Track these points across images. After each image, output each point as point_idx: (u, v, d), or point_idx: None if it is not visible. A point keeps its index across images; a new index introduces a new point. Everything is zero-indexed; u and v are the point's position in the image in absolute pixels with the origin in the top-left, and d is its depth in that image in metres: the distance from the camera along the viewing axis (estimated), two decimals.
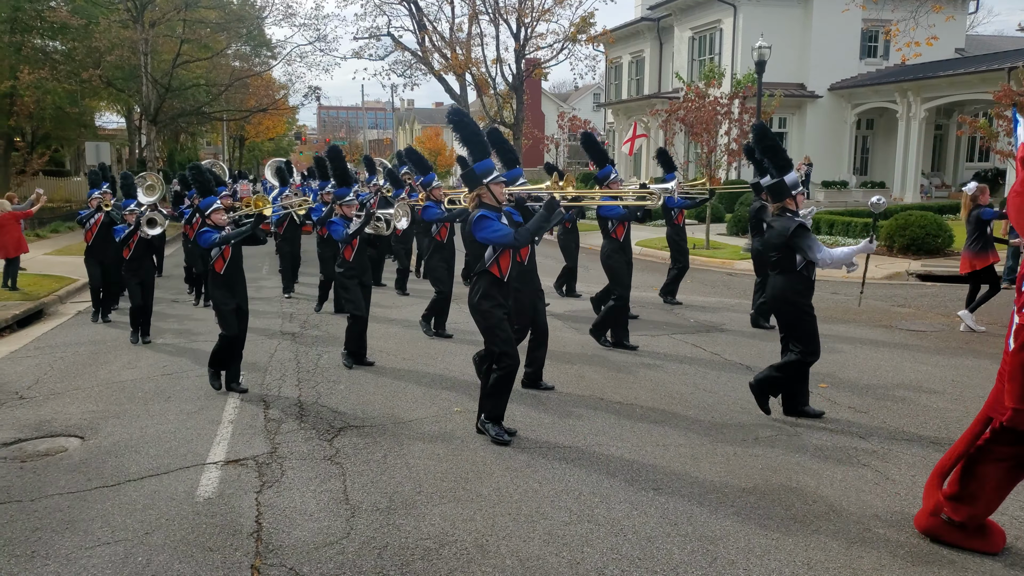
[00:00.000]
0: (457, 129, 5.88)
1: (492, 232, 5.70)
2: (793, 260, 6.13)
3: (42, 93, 25.89)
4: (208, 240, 7.19)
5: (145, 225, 9.11)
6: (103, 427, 6.30)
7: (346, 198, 8.32)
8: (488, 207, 5.81)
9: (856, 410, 6.67)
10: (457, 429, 6.23)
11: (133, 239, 9.49)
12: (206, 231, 7.29)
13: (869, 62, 29.25)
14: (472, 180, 5.88)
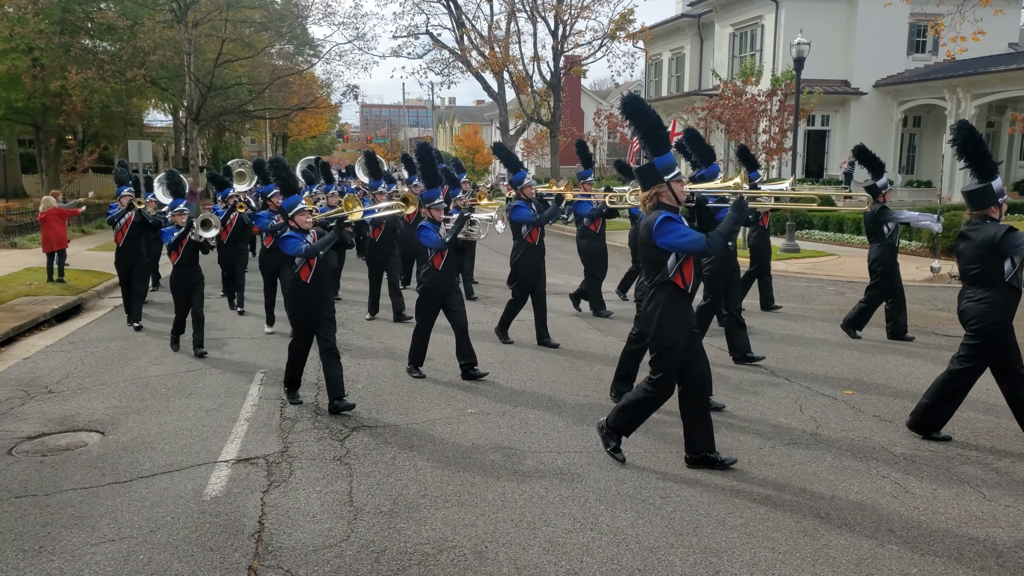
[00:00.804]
0: (635, 120, 5.20)
1: (680, 237, 5.00)
2: (1001, 270, 5.54)
3: (89, 92, 26.62)
4: (294, 248, 6.47)
5: (199, 227, 8.53)
6: (123, 423, 6.43)
7: (436, 200, 7.55)
8: (668, 208, 5.12)
9: (881, 419, 6.48)
10: (470, 431, 6.20)
11: (182, 243, 8.65)
12: (291, 236, 6.53)
13: (917, 58, 28.44)
14: (651, 177, 5.14)
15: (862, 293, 10.34)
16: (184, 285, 8.80)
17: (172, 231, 8.76)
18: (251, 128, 50.49)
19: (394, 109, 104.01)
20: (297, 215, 6.63)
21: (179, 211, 8.89)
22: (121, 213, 10.40)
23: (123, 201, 10.54)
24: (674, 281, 5.14)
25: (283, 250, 6.63)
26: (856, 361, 8.36)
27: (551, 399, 7.06)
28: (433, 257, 7.51)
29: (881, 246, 9.23)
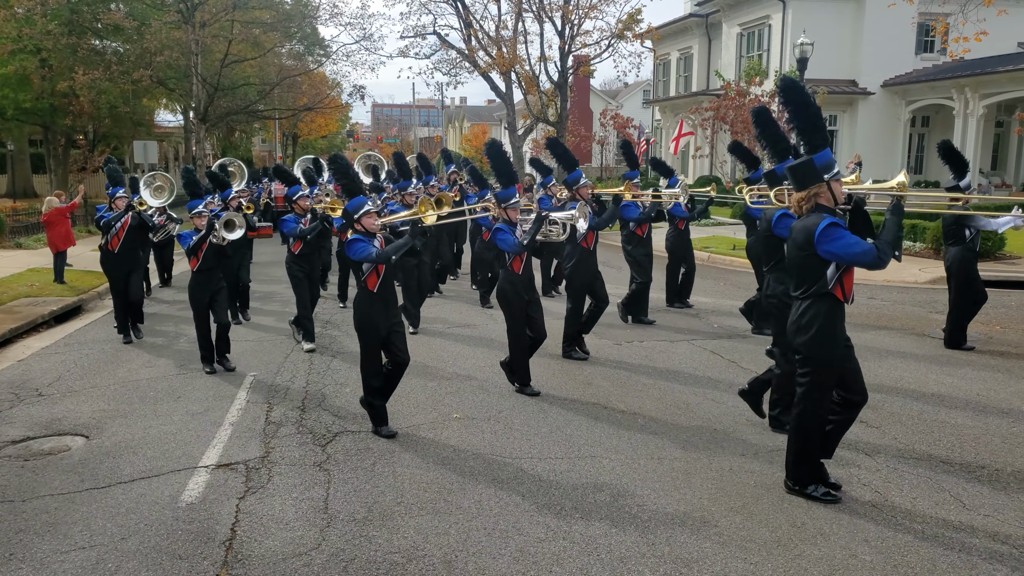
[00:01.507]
0: (796, 108, 4.70)
1: (848, 247, 4.53)
2: None
3: (96, 93, 26.78)
4: (363, 252, 5.91)
5: (222, 228, 8.02)
6: (109, 426, 6.46)
7: (512, 200, 7.09)
8: (826, 210, 4.69)
9: (868, 424, 6.42)
10: (453, 436, 6.20)
11: (202, 247, 8.11)
12: (359, 240, 5.96)
13: (925, 57, 28.21)
14: (810, 175, 4.64)
15: (863, 295, 10.26)
16: (205, 293, 8.13)
17: (190, 234, 8.23)
18: (260, 128, 50.76)
19: (405, 109, 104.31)
20: (364, 217, 6.07)
21: (198, 213, 8.36)
22: (118, 216, 9.69)
23: (118, 203, 9.83)
24: (834, 293, 4.71)
25: (350, 256, 6.04)
26: None
27: (538, 403, 7.04)
28: (512, 261, 7.10)
29: (962, 249, 8.75)
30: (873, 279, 14.29)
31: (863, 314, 11.08)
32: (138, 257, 10.07)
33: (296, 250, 9.20)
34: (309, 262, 9.30)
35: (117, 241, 9.69)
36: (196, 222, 8.34)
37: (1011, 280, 13.30)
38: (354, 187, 6.34)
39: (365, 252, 6.00)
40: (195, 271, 8.22)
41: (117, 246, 9.70)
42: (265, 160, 52.87)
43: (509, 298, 7.24)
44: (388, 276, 6.16)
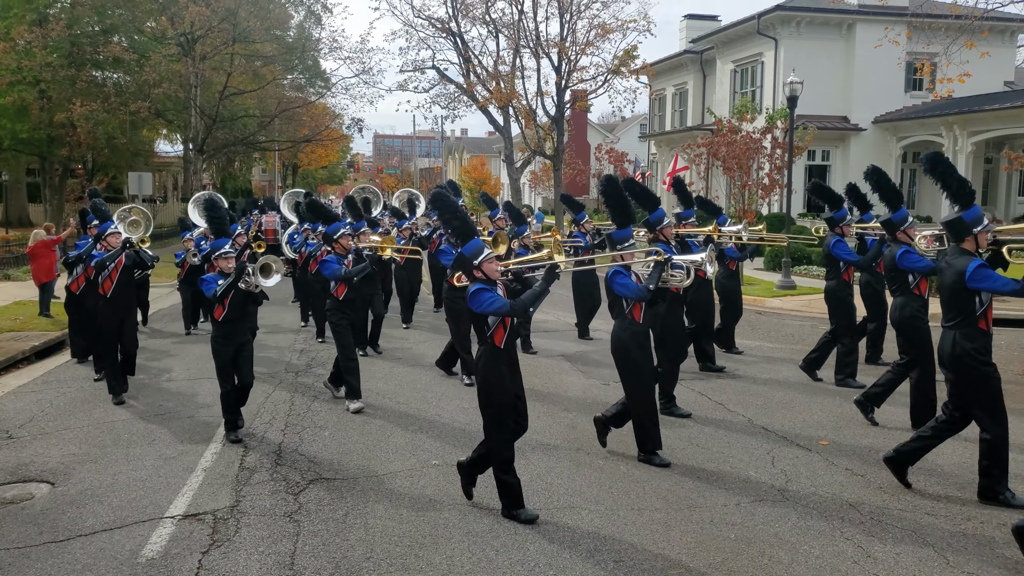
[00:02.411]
0: (943, 179, 5.88)
1: (998, 282, 5.52)
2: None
3: (94, 124, 26.90)
4: (494, 304, 5.27)
5: (258, 274, 7.05)
6: (77, 472, 6.31)
7: (628, 242, 6.48)
8: (969, 253, 5.65)
9: (853, 472, 6.31)
10: (429, 485, 6.06)
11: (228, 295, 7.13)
12: (484, 289, 5.32)
13: (914, 95, 28.46)
14: (962, 230, 5.67)
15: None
16: (229, 346, 7.12)
17: (215, 279, 7.16)
18: (260, 158, 51.01)
19: (406, 140, 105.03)
20: (485, 263, 5.40)
21: (224, 254, 7.30)
22: (113, 254, 8.53)
23: (111, 240, 8.69)
24: (979, 325, 5.62)
25: (474, 308, 5.34)
26: (836, 408, 8.18)
27: (520, 449, 6.79)
28: (632, 308, 6.43)
29: None
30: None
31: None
32: (133, 301, 9.17)
33: (340, 295, 8.28)
34: (353, 308, 8.44)
35: (110, 284, 8.54)
36: (221, 264, 7.28)
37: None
38: (467, 229, 5.58)
39: (497, 304, 5.25)
40: (219, 321, 7.14)
41: (110, 289, 8.54)
42: (265, 190, 53.03)
43: (631, 352, 6.41)
44: (513, 331, 5.51)
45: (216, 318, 7.17)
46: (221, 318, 7.14)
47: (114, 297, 8.61)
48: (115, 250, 8.65)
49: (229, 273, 7.14)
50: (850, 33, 27.89)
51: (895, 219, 7.52)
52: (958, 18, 15.13)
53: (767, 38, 28.13)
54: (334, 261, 8.29)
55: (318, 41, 35.78)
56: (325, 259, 8.46)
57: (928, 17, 15.38)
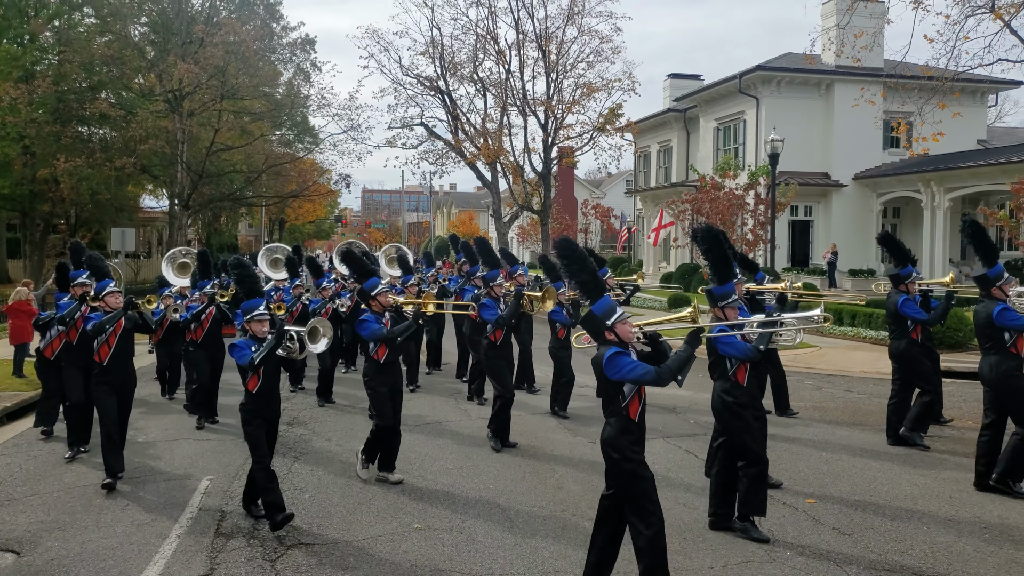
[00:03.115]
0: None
1: None
2: None
3: (77, 180, 26.88)
4: (635, 371, 4.81)
5: (306, 340, 6.45)
6: (44, 541, 6.11)
7: (731, 299, 6.13)
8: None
9: (840, 532, 6.22)
10: (411, 550, 5.92)
11: None
12: (620, 354, 4.87)
13: (892, 152, 29.13)
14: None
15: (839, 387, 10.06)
16: (264, 422, 6.39)
17: (247, 344, 6.35)
18: (246, 213, 51.15)
19: (394, 194, 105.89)
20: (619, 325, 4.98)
21: (259, 316, 6.46)
22: (113, 317, 7.59)
23: (109, 300, 7.72)
24: None
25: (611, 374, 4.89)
26: (823, 465, 8.12)
27: (504, 511, 6.78)
28: (736, 370, 6.05)
29: None
30: (850, 371, 14.25)
31: (839, 408, 10.98)
32: (132, 367, 8.02)
33: (381, 357, 7.48)
34: (394, 371, 7.73)
35: (108, 350, 7.55)
36: (254, 328, 6.48)
37: None
38: (597, 284, 5.13)
39: (639, 370, 4.81)
40: (254, 393, 6.33)
41: (107, 356, 7.55)
42: (251, 245, 53.04)
43: (740, 415, 6.11)
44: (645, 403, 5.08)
45: (250, 389, 6.29)
46: (256, 389, 6.30)
47: (113, 362, 7.61)
48: (115, 312, 7.64)
49: (263, 338, 6.34)
50: (828, 92, 28.65)
51: (991, 275, 7.40)
52: (931, 79, 15.60)
53: (749, 97, 28.82)
54: (373, 320, 7.43)
55: (307, 98, 36.27)
56: (363, 318, 7.54)
57: (902, 78, 15.85)
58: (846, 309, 19.04)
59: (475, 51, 33.17)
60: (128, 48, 30.18)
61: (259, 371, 6.36)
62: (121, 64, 29.29)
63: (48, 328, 9.17)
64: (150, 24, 33.04)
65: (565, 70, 32.43)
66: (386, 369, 7.58)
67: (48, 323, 9.18)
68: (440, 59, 33.30)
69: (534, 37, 32.23)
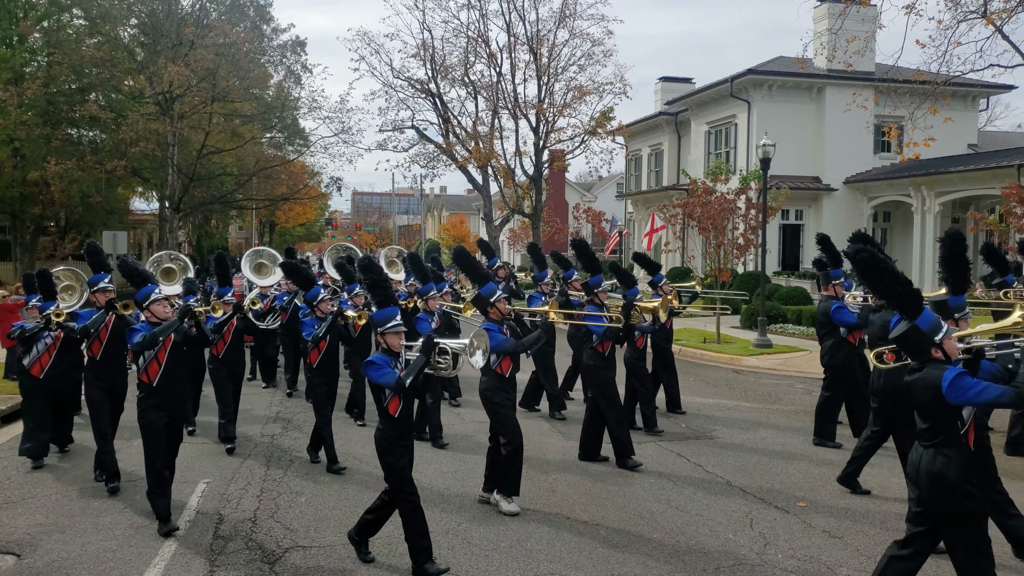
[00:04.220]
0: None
1: None
2: None
3: (68, 183, 26.78)
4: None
5: (464, 353, 5.88)
6: (44, 543, 6.15)
7: (965, 310, 5.92)
8: None
9: (831, 535, 6.32)
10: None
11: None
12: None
13: (883, 156, 29.34)
14: None
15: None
16: (408, 444, 5.80)
17: (385, 361, 5.69)
18: (237, 216, 51.04)
19: (385, 197, 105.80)
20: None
21: (394, 328, 5.78)
22: (167, 328, 6.59)
23: (157, 309, 6.75)
24: None
25: None
26: (813, 469, 8.22)
27: (499, 514, 6.84)
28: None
29: None
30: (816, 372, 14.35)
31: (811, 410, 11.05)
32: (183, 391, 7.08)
33: (506, 371, 7.03)
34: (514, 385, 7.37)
35: (157, 368, 6.50)
36: (389, 342, 5.82)
37: None
38: (914, 297, 4.74)
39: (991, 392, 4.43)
40: (395, 418, 5.74)
41: (156, 375, 6.51)
42: (241, 248, 52.90)
43: None
44: None
45: (391, 413, 5.75)
46: (397, 413, 5.75)
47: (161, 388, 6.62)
48: (170, 321, 6.74)
49: (398, 352, 5.76)
50: (820, 97, 28.86)
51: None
52: (922, 84, 15.74)
53: (740, 101, 29.00)
54: (496, 330, 6.91)
55: (297, 100, 36.26)
56: (486, 327, 6.75)
57: (893, 83, 16.00)
58: None
59: (466, 54, 33.33)
60: (118, 50, 30.07)
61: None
62: (111, 66, 29.18)
63: (34, 341, 8.19)
64: (140, 26, 32.92)
65: (556, 73, 32.62)
66: (509, 383, 6.98)
67: (34, 335, 8.16)
68: (431, 62, 33.42)
69: (525, 40, 32.42)
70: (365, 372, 5.63)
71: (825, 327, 8.92)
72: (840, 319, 8.68)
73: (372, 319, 5.99)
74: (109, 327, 7.52)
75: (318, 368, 8.38)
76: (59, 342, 8.26)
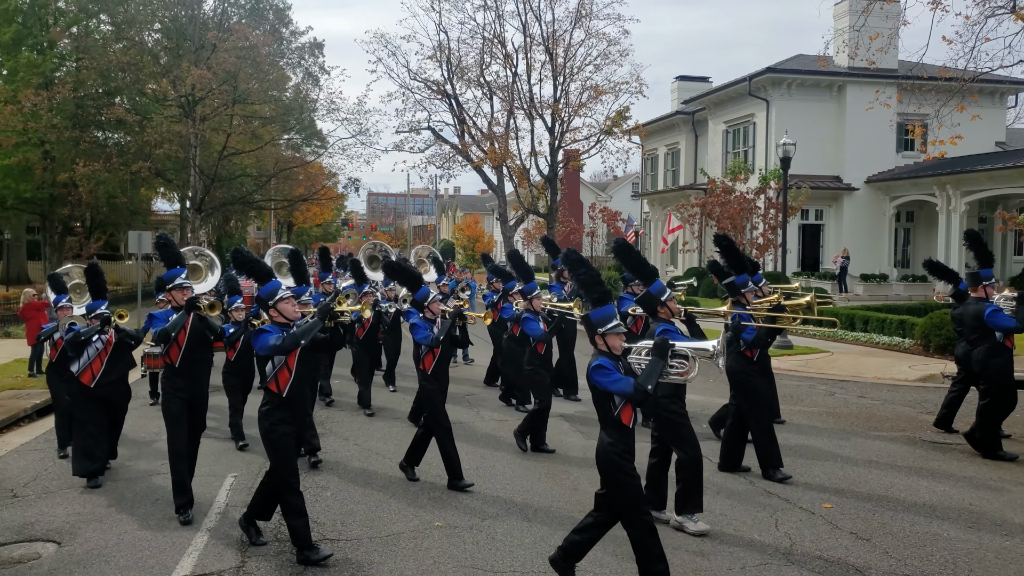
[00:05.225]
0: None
1: None
2: None
3: (95, 184, 27.32)
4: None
5: None
6: (83, 531, 6.30)
7: None
8: None
9: (858, 536, 6.30)
10: (433, 547, 6.04)
11: None
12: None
13: (906, 155, 29.08)
14: None
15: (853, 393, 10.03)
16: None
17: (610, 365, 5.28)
18: (256, 216, 51.49)
19: (400, 198, 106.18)
20: None
21: (614, 329, 5.27)
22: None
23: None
24: None
25: None
26: (838, 471, 8.19)
27: (523, 511, 6.90)
28: None
29: None
30: (863, 376, 14.27)
31: (852, 415, 11.02)
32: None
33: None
34: None
35: (288, 375, 5.82)
36: (612, 343, 5.47)
37: None
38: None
39: None
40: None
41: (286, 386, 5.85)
42: (260, 247, 53.31)
43: None
44: None
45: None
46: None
47: None
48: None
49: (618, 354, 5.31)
50: (841, 95, 28.65)
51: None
52: (948, 80, 15.56)
53: (758, 99, 28.87)
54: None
55: (315, 102, 36.58)
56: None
57: (918, 80, 15.81)
58: (858, 315, 19.11)
59: (482, 55, 33.37)
60: (143, 54, 30.64)
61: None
62: (136, 70, 29.73)
63: (85, 346, 7.54)
64: (163, 30, 33.42)
65: (572, 73, 32.56)
66: (684, 391, 6.65)
67: (87, 339, 7.52)
68: (447, 63, 33.50)
69: (541, 40, 32.39)
70: (593, 378, 5.03)
71: (977, 331, 8.69)
72: (997, 323, 8.46)
73: (589, 319, 5.25)
74: (188, 329, 6.72)
75: (433, 374, 7.54)
76: (111, 346, 7.63)
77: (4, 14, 28.80)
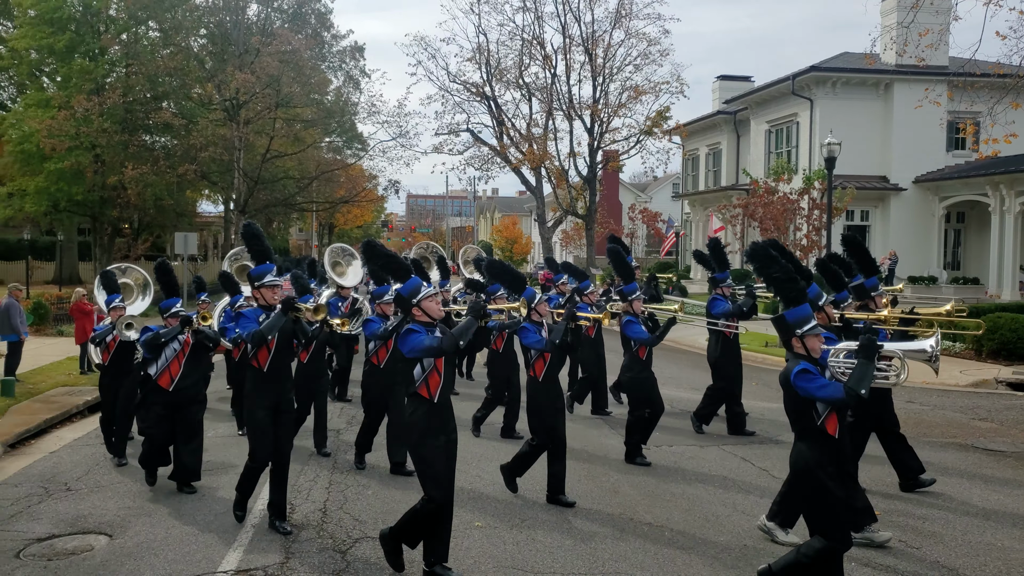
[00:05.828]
0: None
1: None
2: None
3: (143, 186, 28.07)
4: None
5: None
6: (133, 525, 6.47)
7: None
8: None
9: (908, 544, 6.16)
10: (474, 547, 6.06)
11: None
12: None
13: (957, 154, 28.29)
14: None
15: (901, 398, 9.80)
16: None
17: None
18: (297, 218, 52.26)
19: (438, 199, 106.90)
20: None
21: (813, 331, 5.15)
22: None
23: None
24: None
25: None
26: (886, 477, 7.99)
27: (562, 512, 6.88)
28: None
29: None
30: (911, 381, 13.91)
31: (901, 420, 10.67)
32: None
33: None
34: None
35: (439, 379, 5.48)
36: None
37: None
38: None
39: None
40: None
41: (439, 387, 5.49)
42: (301, 249, 54.05)
43: None
44: None
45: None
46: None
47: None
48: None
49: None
50: (888, 93, 28.02)
51: None
52: (1002, 77, 15.12)
53: (802, 99, 28.39)
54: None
55: (356, 105, 36.98)
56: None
57: (970, 77, 15.38)
58: None
59: (521, 56, 33.43)
60: (189, 59, 31.38)
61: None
62: (182, 75, 30.47)
63: (163, 348, 7.32)
64: (209, 36, 34.17)
65: (612, 73, 32.45)
66: None
67: (167, 341, 7.26)
68: (486, 65, 33.63)
69: (580, 41, 32.33)
70: (797, 384, 4.78)
71: None
72: None
73: (784, 320, 5.07)
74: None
75: (543, 382, 7.11)
76: (188, 347, 7.33)
77: (59, 22, 29.72)
